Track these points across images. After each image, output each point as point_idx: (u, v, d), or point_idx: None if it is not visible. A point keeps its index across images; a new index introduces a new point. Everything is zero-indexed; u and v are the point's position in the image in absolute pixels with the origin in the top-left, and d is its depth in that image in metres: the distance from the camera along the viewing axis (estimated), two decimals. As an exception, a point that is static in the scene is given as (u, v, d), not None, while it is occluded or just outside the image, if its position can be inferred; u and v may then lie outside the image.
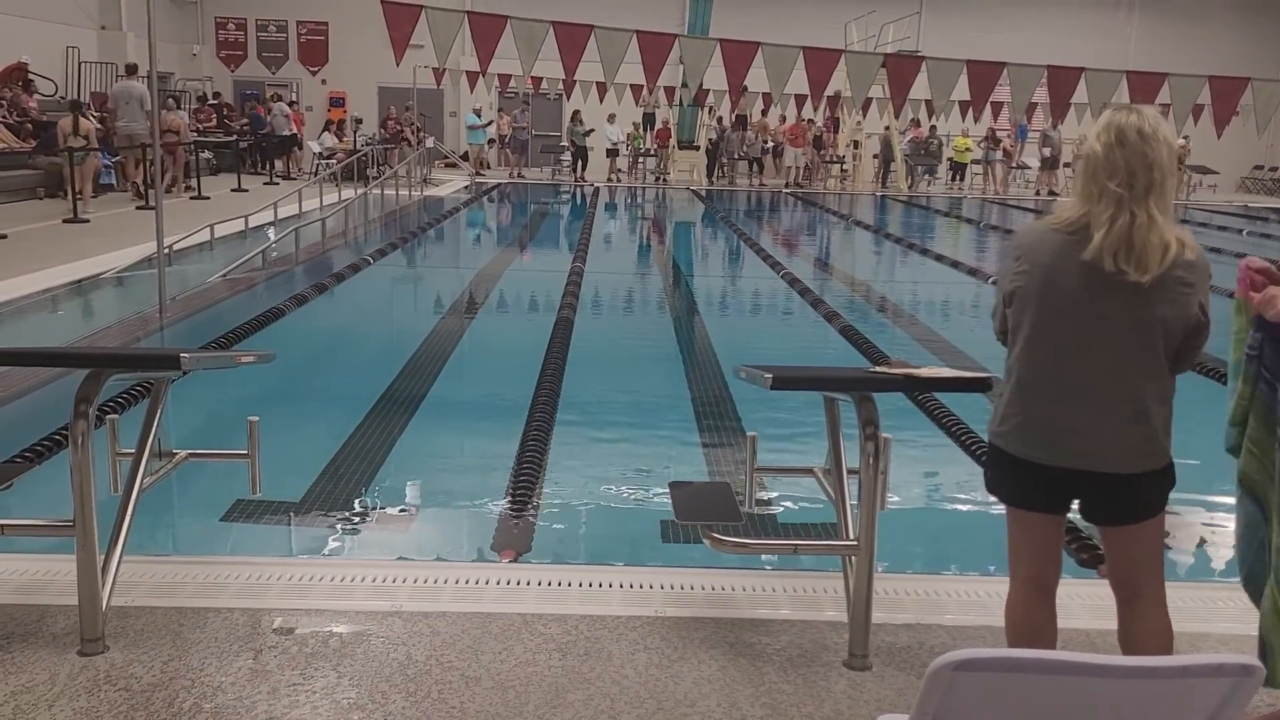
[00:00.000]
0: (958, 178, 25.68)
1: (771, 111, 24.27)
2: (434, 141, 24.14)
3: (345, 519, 4.44)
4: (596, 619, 3.30)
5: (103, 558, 3.04)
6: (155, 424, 3.30)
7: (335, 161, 19.79)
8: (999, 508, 2.66)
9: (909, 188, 25.17)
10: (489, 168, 25.61)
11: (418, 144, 22.44)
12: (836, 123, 25.57)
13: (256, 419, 3.56)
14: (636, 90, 19.43)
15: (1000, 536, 2.68)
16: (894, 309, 10.45)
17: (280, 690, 2.83)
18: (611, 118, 23.57)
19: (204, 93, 23.36)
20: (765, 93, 18.13)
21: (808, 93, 11.61)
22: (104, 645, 3.01)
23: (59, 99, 18.69)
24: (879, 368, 3.35)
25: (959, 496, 5.07)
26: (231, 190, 17.62)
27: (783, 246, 15.05)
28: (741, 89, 10.68)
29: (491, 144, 26.00)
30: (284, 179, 20.45)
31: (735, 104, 22.16)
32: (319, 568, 3.68)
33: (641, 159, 25.67)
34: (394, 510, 4.63)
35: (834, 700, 2.89)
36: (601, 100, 17.56)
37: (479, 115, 24.65)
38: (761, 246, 14.12)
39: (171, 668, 2.93)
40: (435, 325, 8.77)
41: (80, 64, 20.37)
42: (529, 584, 3.57)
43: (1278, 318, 2.36)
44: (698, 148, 26.24)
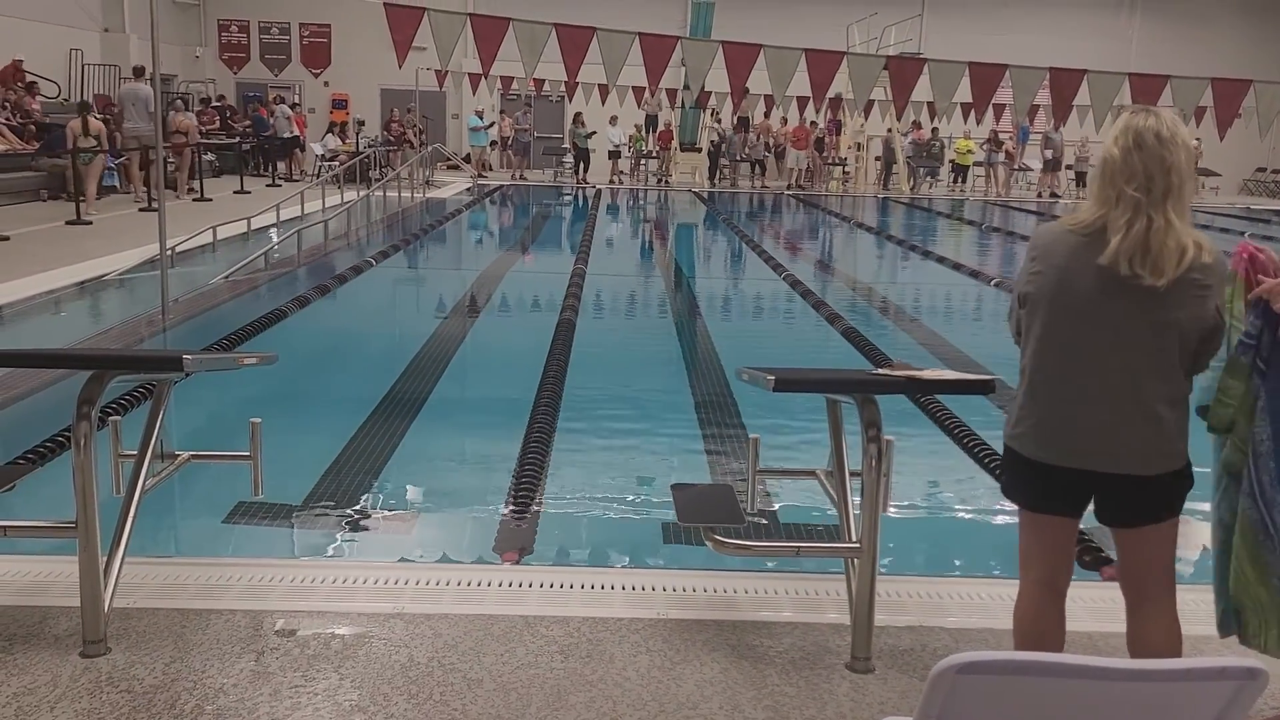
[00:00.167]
0: (960, 180, 25.68)
1: (773, 113, 24.27)
2: (438, 147, 24.18)
3: (347, 521, 4.44)
4: (599, 621, 3.30)
5: (105, 559, 3.04)
6: (158, 425, 3.30)
7: (338, 163, 19.81)
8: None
9: (911, 190, 25.17)
10: (491, 170, 25.63)
11: (420, 146, 22.46)
12: (839, 125, 25.56)
13: (259, 421, 3.56)
14: (638, 92, 19.42)
15: (1002, 538, 2.68)
16: (896, 311, 10.44)
17: (282, 692, 2.83)
18: (613, 120, 23.58)
19: (207, 95, 23.39)
20: (767, 95, 18.13)
21: (809, 95, 11.63)
22: (106, 647, 3.01)
23: (62, 101, 18.72)
24: (881, 370, 3.34)
25: (961, 499, 5.06)
26: (234, 192, 17.64)
27: (785, 248, 15.05)
28: (743, 91, 10.69)
29: (494, 146, 26.02)
30: (286, 181, 20.47)
31: (737, 106, 22.18)
32: (321, 569, 3.68)
33: (643, 161, 25.68)
34: (396, 512, 4.63)
35: (836, 703, 2.89)
36: (603, 102, 17.54)
37: (481, 117, 24.66)
38: (763, 248, 14.12)
39: (173, 669, 2.93)
40: (437, 327, 8.78)
41: (83, 66, 20.40)
42: (531, 586, 3.57)
43: None
44: (699, 150, 26.26)
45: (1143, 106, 2.45)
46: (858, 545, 3.06)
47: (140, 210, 14.46)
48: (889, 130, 25.04)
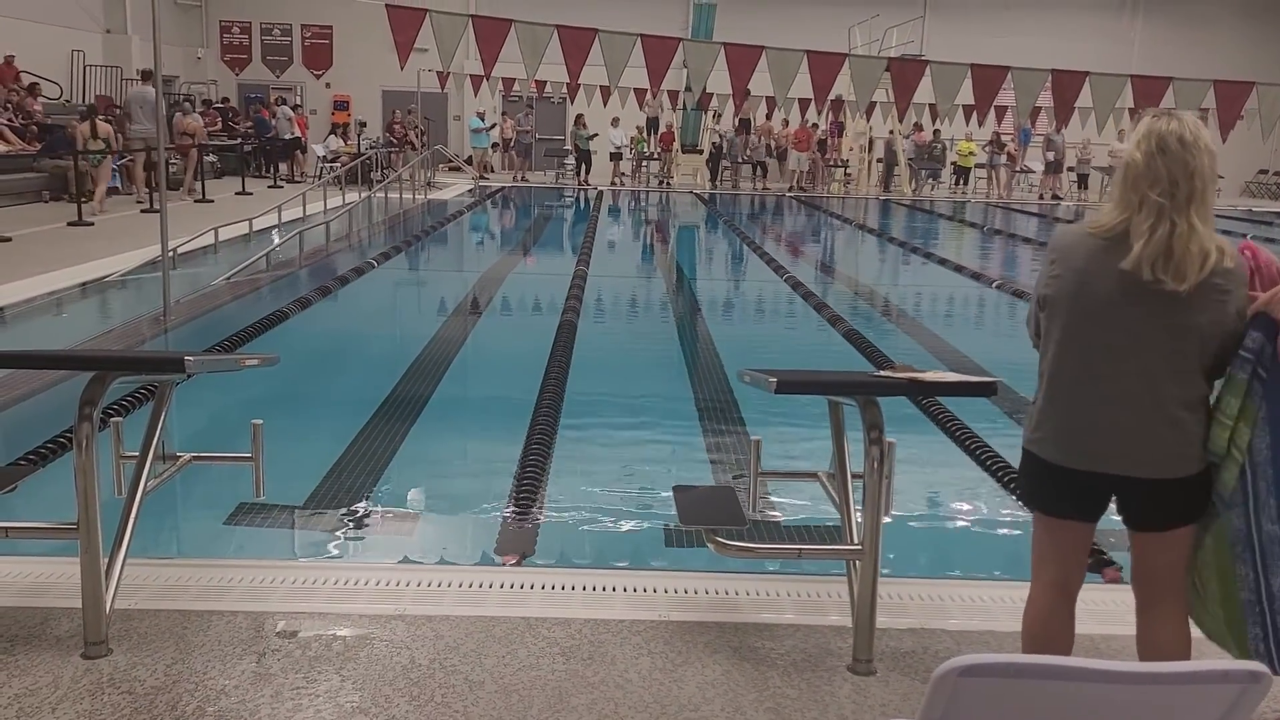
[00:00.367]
0: (961, 182, 25.68)
1: (774, 115, 24.27)
2: (440, 148, 24.20)
3: (349, 522, 4.44)
4: (600, 623, 3.30)
5: (106, 560, 3.04)
6: (159, 427, 3.30)
7: (339, 165, 19.82)
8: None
9: (913, 192, 25.17)
10: (493, 171, 25.64)
11: (422, 147, 22.47)
12: (841, 127, 25.56)
13: (260, 422, 3.56)
14: (640, 94, 19.40)
15: (1004, 541, 2.68)
16: (898, 313, 10.43)
17: (283, 694, 2.83)
18: (615, 121, 23.58)
19: (208, 97, 23.41)
20: (769, 97, 18.14)
21: (811, 97, 11.63)
22: (108, 648, 3.01)
23: (64, 102, 18.75)
24: (883, 372, 3.34)
25: (963, 501, 5.05)
26: (236, 193, 17.66)
27: (786, 250, 15.05)
28: (745, 93, 10.69)
29: (495, 148, 26.03)
30: (288, 182, 20.49)
31: (739, 108, 22.17)
32: (322, 571, 3.68)
33: (645, 163, 25.69)
34: (397, 513, 4.63)
35: (838, 705, 2.89)
36: (605, 104, 17.54)
37: (483, 119, 24.67)
38: (765, 250, 14.13)
39: (175, 671, 2.93)
40: (439, 329, 8.78)
41: (85, 67, 20.42)
42: (533, 588, 3.57)
43: None
44: (701, 151, 26.26)
45: (1164, 110, 2.43)
46: (859, 547, 3.06)
47: (142, 211, 14.48)
48: (891, 132, 25.05)
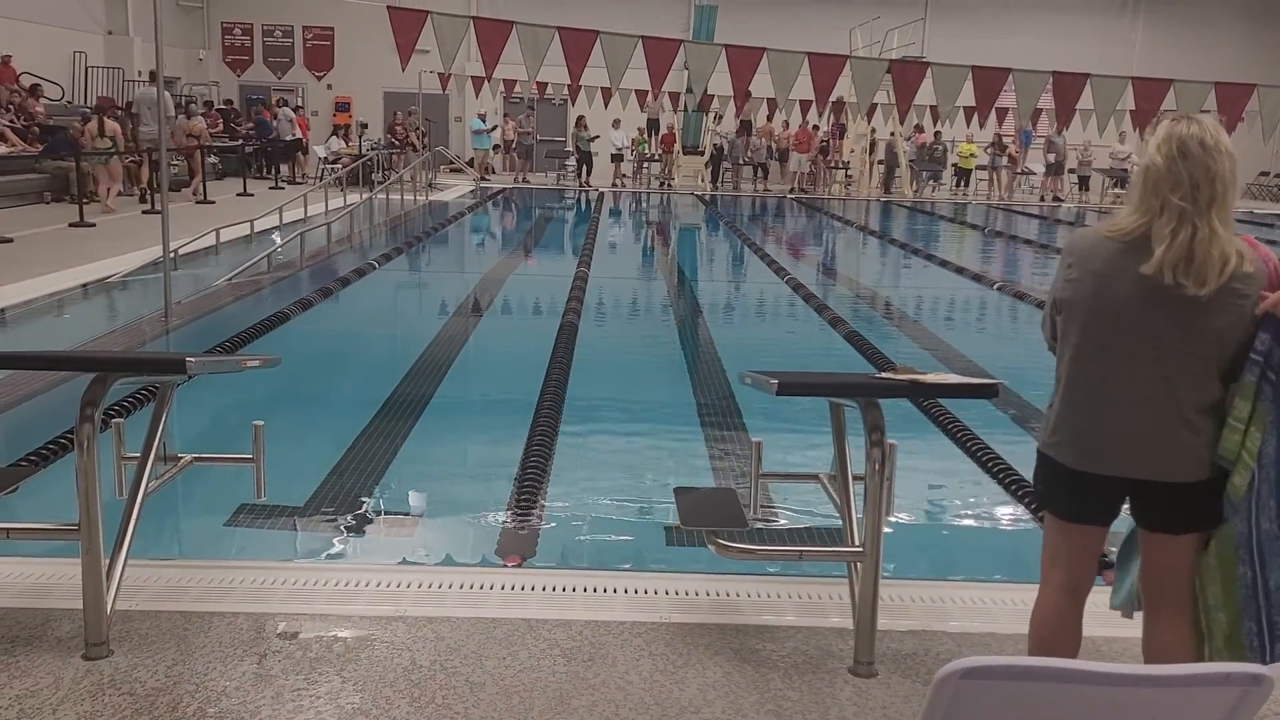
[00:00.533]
0: (962, 183, 25.67)
1: (775, 117, 24.27)
2: (441, 150, 24.21)
3: (350, 523, 4.44)
4: (601, 624, 3.30)
5: (107, 562, 3.04)
6: (160, 428, 3.30)
7: (340, 166, 19.83)
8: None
9: (914, 193, 25.17)
10: (494, 173, 25.64)
11: (423, 149, 22.47)
12: (842, 129, 25.56)
13: (261, 423, 3.56)
14: (641, 96, 19.38)
15: (1005, 543, 2.68)
16: (899, 315, 10.43)
17: (284, 695, 2.83)
18: (616, 123, 23.58)
19: (210, 98, 23.42)
20: (770, 98, 18.14)
21: (812, 98, 11.63)
22: (108, 649, 3.01)
23: (66, 104, 18.77)
24: (885, 374, 3.34)
25: (964, 503, 5.05)
26: (237, 195, 17.67)
27: (787, 252, 15.05)
28: (746, 94, 10.69)
29: (496, 149, 26.04)
30: (289, 183, 20.50)
31: (740, 110, 22.17)
32: (323, 572, 3.68)
33: (646, 164, 25.69)
34: (398, 515, 4.63)
35: (839, 707, 2.89)
36: (606, 105, 17.53)
37: (484, 120, 24.68)
38: (766, 252, 14.13)
39: (176, 672, 2.93)
40: (440, 330, 8.78)
41: (87, 69, 20.44)
42: (533, 589, 3.57)
43: None
44: (702, 153, 26.25)
45: (1183, 113, 2.41)
46: (861, 549, 3.06)
47: (144, 212, 14.48)
48: (892, 134, 25.05)
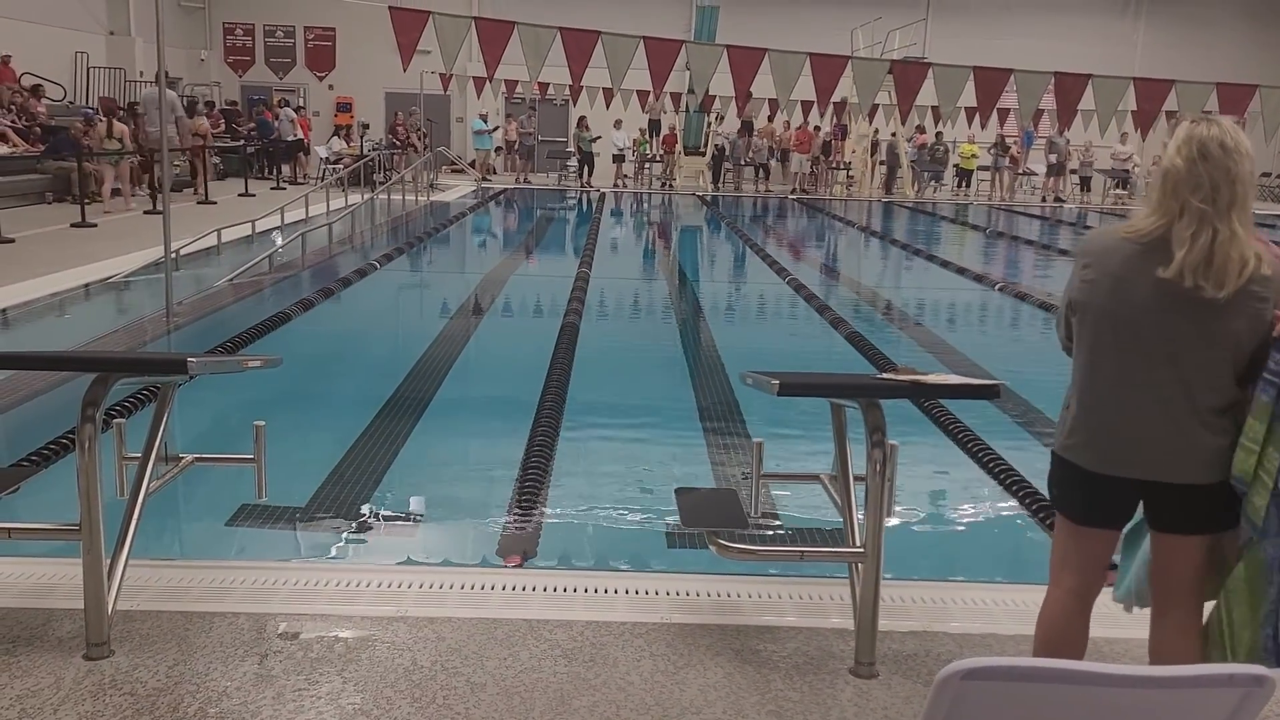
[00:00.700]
0: (964, 184, 25.66)
1: (777, 117, 24.26)
2: (443, 150, 24.22)
3: (351, 524, 4.44)
4: (602, 625, 3.29)
5: (109, 562, 3.04)
6: (162, 428, 3.30)
7: (342, 166, 19.84)
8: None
9: (915, 194, 25.16)
10: (495, 173, 25.65)
11: (424, 149, 22.48)
12: (844, 129, 25.56)
13: (263, 423, 3.56)
14: (643, 96, 19.42)
15: (1006, 543, 2.67)
16: (901, 316, 10.43)
17: (285, 695, 2.83)
18: (618, 123, 23.58)
19: (211, 98, 23.44)
20: (771, 99, 18.15)
21: (814, 99, 11.63)
22: (109, 649, 3.01)
23: (67, 104, 18.78)
24: (886, 374, 3.33)
25: (965, 504, 5.04)
26: (239, 195, 17.67)
27: (789, 252, 15.05)
28: (748, 95, 10.70)
29: (498, 150, 26.05)
30: (291, 184, 20.51)
31: (741, 110, 22.17)
32: (324, 572, 3.68)
33: (647, 165, 25.69)
34: (400, 515, 4.63)
35: (840, 708, 2.88)
36: (608, 106, 17.53)
37: (485, 121, 24.69)
38: (767, 253, 14.12)
39: (177, 672, 2.93)
40: (441, 330, 8.78)
41: (89, 69, 20.46)
42: (534, 589, 3.57)
43: None
44: (704, 154, 26.25)
45: (1202, 115, 2.40)
46: (862, 550, 3.06)
47: (145, 213, 14.49)
48: (893, 134, 25.04)
